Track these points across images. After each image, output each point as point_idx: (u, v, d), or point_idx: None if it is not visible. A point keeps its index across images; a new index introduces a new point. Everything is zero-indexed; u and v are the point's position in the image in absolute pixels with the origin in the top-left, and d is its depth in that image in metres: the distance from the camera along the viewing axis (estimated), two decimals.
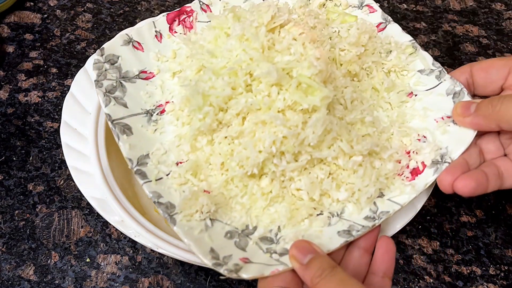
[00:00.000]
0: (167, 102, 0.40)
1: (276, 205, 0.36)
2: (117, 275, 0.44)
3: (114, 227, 0.41)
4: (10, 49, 0.58)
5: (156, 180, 0.35)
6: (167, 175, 0.36)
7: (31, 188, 0.49)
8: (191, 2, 0.46)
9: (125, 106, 0.38)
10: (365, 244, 0.35)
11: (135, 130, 0.38)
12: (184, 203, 0.34)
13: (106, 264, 0.45)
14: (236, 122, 0.36)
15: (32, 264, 0.44)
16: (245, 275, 0.31)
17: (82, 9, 0.63)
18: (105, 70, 0.39)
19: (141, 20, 0.49)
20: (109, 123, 0.37)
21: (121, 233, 0.43)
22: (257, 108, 0.35)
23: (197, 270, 0.45)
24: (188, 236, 0.32)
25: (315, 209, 0.36)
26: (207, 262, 0.31)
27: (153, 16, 0.49)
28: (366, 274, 0.34)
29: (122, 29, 0.48)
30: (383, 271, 0.34)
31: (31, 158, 0.50)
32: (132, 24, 0.61)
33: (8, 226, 0.46)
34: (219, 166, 0.37)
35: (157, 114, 0.40)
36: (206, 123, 0.36)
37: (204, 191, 0.36)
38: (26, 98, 0.54)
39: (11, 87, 0.55)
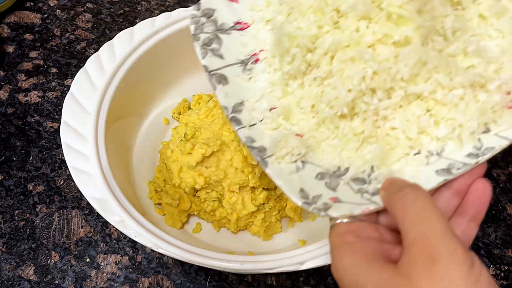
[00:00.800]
0: (261, 51, 0.40)
1: (369, 146, 0.35)
2: (117, 275, 0.44)
3: (114, 227, 0.41)
4: (10, 49, 0.58)
5: (249, 126, 0.36)
6: (260, 121, 0.37)
7: (31, 188, 0.49)
8: (191, 2, 0.46)
9: (221, 57, 0.39)
10: (459, 185, 0.32)
11: (230, 79, 0.38)
12: (275, 145, 0.34)
13: (106, 264, 0.45)
14: (324, 62, 0.35)
15: (32, 264, 0.44)
16: (334, 213, 0.31)
17: (82, 9, 0.63)
18: (202, 24, 0.40)
19: (141, 20, 0.49)
20: (206, 74, 0.37)
21: (121, 233, 0.43)
22: (345, 45, 0.34)
23: (197, 270, 0.45)
24: (279, 178, 0.33)
25: (411, 148, 0.35)
26: (296, 201, 0.31)
27: (153, 16, 0.49)
28: (451, 216, 0.32)
29: (122, 29, 0.48)
30: (471, 214, 0.31)
31: (31, 158, 0.50)
32: (132, 24, 0.61)
33: (8, 226, 0.46)
34: (309, 109, 0.36)
35: (252, 63, 0.39)
36: (294, 65, 0.36)
37: (296, 134, 0.36)
38: (26, 98, 0.54)
39: (11, 87, 0.55)
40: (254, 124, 0.36)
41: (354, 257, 0.28)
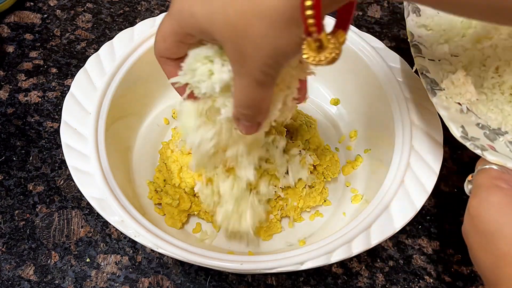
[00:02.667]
0: None
1: None
2: (117, 275, 0.44)
3: (114, 227, 0.41)
4: (10, 49, 0.58)
5: (428, 59, 0.38)
6: (439, 60, 0.39)
7: (31, 188, 0.49)
8: None
9: None
10: None
11: (423, 12, 0.41)
12: (450, 82, 0.37)
13: (106, 264, 0.45)
14: None
15: (32, 264, 0.44)
16: (490, 156, 0.33)
17: (82, 9, 0.63)
18: None
19: (141, 20, 0.49)
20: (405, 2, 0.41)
21: (121, 233, 0.43)
22: None
23: (197, 270, 0.45)
24: (443, 109, 0.35)
25: None
26: (456, 132, 0.34)
27: (153, 16, 0.49)
28: None
29: (122, 29, 0.48)
30: None
31: (31, 158, 0.50)
32: (132, 24, 0.61)
33: (8, 226, 0.46)
34: (493, 69, 0.38)
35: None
36: None
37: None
38: (26, 98, 0.54)
39: (11, 87, 0.55)
40: (432, 60, 0.39)
41: (503, 198, 0.30)
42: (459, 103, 0.37)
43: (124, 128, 0.48)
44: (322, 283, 0.45)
